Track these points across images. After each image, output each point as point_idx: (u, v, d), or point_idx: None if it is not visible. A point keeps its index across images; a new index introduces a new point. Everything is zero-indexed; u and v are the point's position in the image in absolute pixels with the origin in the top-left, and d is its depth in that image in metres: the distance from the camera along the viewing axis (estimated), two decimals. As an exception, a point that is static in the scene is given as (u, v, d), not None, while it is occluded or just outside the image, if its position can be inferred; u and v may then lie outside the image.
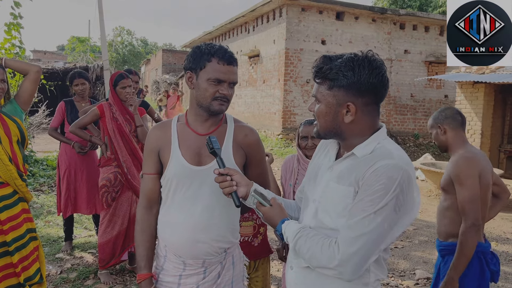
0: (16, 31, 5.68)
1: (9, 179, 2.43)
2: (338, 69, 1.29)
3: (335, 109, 1.33)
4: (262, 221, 2.67)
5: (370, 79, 1.28)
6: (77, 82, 4.19)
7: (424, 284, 3.96)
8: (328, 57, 1.34)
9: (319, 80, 1.35)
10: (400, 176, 1.22)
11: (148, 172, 1.74)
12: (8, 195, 2.46)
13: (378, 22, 13.63)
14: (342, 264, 1.23)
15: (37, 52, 40.57)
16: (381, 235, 1.23)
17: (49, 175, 7.33)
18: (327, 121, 1.35)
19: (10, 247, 2.44)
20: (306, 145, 2.52)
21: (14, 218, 2.48)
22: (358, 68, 1.28)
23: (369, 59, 1.30)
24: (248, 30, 15.31)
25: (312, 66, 1.38)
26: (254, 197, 1.46)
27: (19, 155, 2.53)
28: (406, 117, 14.29)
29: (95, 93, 12.89)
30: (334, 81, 1.30)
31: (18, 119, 2.64)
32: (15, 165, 2.48)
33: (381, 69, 1.30)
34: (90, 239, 4.65)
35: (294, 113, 12.87)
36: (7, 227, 2.43)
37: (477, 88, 8.89)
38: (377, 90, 1.31)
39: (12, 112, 2.69)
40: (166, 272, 1.72)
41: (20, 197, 2.53)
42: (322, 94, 1.34)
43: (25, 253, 2.52)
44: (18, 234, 2.49)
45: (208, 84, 1.59)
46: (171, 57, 32.29)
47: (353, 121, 1.32)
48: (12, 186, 2.46)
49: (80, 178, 4.14)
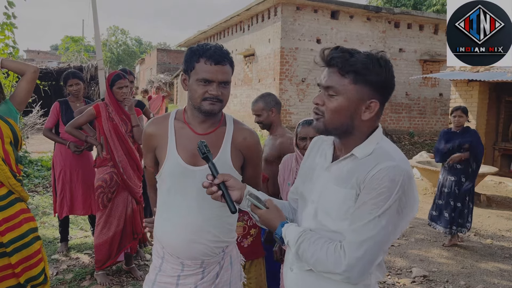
0: (9, 31, 5.64)
1: (2, 179, 2.42)
2: (366, 63, 1.25)
3: (355, 104, 1.28)
4: (253, 223, 2.66)
5: (392, 79, 1.30)
6: (71, 82, 4.16)
7: (420, 282, 3.97)
8: (346, 50, 1.28)
9: (342, 72, 1.27)
10: (402, 178, 1.22)
11: (149, 165, 1.82)
12: (3, 196, 2.45)
13: (373, 20, 13.66)
14: (349, 269, 1.23)
15: (31, 52, 40.33)
16: (385, 237, 1.24)
17: (44, 175, 7.28)
18: (343, 115, 1.29)
19: (7, 248, 2.43)
20: (305, 145, 2.51)
21: (11, 219, 2.46)
22: (385, 66, 1.28)
23: (387, 59, 1.30)
24: (243, 29, 15.29)
25: (330, 54, 1.28)
26: (249, 200, 1.42)
27: (11, 155, 2.51)
28: (401, 116, 14.33)
29: (89, 93, 12.81)
30: (363, 76, 1.26)
31: (12, 120, 2.61)
32: (8, 165, 2.46)
33: (393, 71, 1.32)
34: (86, 240, 4.63)
35: (290, 112, 12.88)
36: (2, 228, 2.41)
37: (471, 86, 8.93)
38: (392, 90, 1.32)
39: (7, 113, 2.66)
40: (164, 273, 1.71)
41: (16, 198, 2.52)
42: (345, 87, 1.27)
43: (27, 253, 2.50)
44: (17, 235, 2.47)
45: (197, 84, 1.59)
46: (166, 57, 32.21)
47: (369, 119, 1.31)
48: (7, 186, 2.45)
49: (76, 178, 4.11)
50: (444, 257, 4.67)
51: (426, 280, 4.03)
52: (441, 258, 4.65)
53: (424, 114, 14.62)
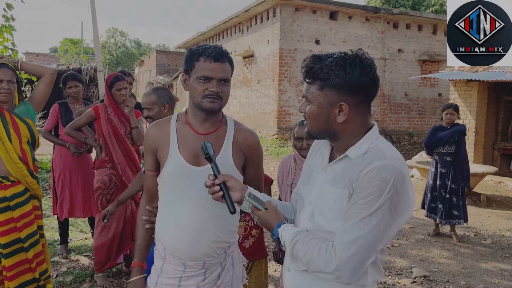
0: (8, 34, 5.65)
1: (20, 177, 2.58)
2: (329, 68, 1.28)
3: (327, 110, 1.31)
4: (255, 224, 2.66)
5: (362, 78, 1.27)
6: (71, 84, 4.16)
7: (421, 282, 3.97)
8: (318, 57, 1.32)
9: (309, 80, 1.33)
10: (394, 177, 1.21)
11: (148, 169, 1.77)
12: (20, 193, 2.60)
13: (372, 21, 13.68)
14: (339, 268, 1.23)
15: (30, 54, 40.28)
16: (377, 237, 1.23)
17: (43, 178, 7.26)
18: (319, 121, 1.33)
19: (25, 243, 2.57)
20: (302, 146, 2.52)
21: (27, 215, 2.62)
22: (349, 67, 1.26)
23: (360, 57, 1.28)
24: (242, 30, 15.30)
25: (302, 66, 1.36)
26: (249, 201, 1.44)
27: (28, 154, 2.67)
28: (400, 116, 14.34)
29: (88, 95, 12.79)
30: (326, 81, 1.28)
31: (30, 120, 2.76)
32: (25, 163, 2.62)
33: (372, 68, 1.29)
34: (86, 242, 4.62)
35: (289, 113, 12.88)
36: (21, 224, 2.57)
37: (470, 86, 8.93)
38: (369, 89, 1.30)
39: (25, 113, 2.78)
40: (166, 275, 1.71)
41: (31, 195, 2.67)
42: (313, 95, 1.32)
43: (39, 249, 2.66)
44: (32, 231, 2.62)
45: (197, 82, 1.60)
46: (165, 58, 32.21)
47: (346, 120, 1.31)
48: (23, 183, 2.61)
49: (75, 180, 4.11)
50: (444, 257, 4.67)
51: (426, 280, 4.02)
52: (441, 258, 4.65)
53: (423, 114, 14.63)
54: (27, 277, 2.61)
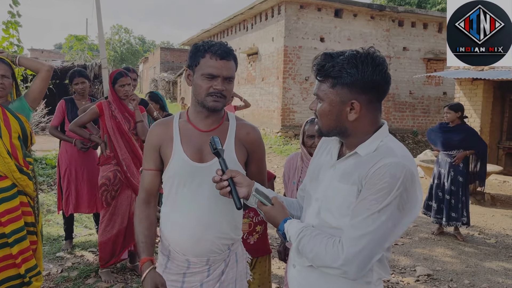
0: (14, 30, 5.67)
1: (7, 172, 2.50)
2: (341, 66, 1.27)
3: (338, 107, 1.31)
4: (259, 220, 2.67)
5: (374, 76, 1.27)
6: (77, 81, 4.19)
7: (424, 281, 3.97)
8: (329, 54, 1.32)
9: (321, 78, 1.32)
10: (404, 175, 1.21)
11: (147, 168, 1.74)
12: (6, 188, 2.53)
13: (377, 19, 13.62)
14: (346, 264, 1.23)
15: (35, 50, 40.40)
16: (385, 234, 1.23)
17: (48, 174, 7.31)
18: (330, 119, 1.33)
19: (9, 238, 2.51)
20: (313, 143, 2.52)
21: (13, 210, 2.55)
22: (361, 65, 1.26)
23: (371, 55, 1.28)
24: (246, 27, 15.29)
25: (313, 63, 1.35)
26: (256, 196, 1.45)
27: (19, 149, 2.59)
28: (405, 114, 14.29)
29: (93, 92, 12.85)
30: (338, 79, 1.28)
31: (24, 116, 2.70)
32: (15, 158, 2.54)
33: (383, 66, 1.29)
34: (91, 237, 4.65)
35: (293, 111, 12.87)
36: (5, 219, 2.50)
37: (476, 85, 8.88)
38: (380, 87, 1.30)
39: (19, 109, 2.74)
40: (170, 271, 1.72)
41: (19, 191, 2.59)
42: (325, 93, 1.32)
43: (25, 245, 2.59)
44: (18, 227, 2.56)
45: (202, 79, 1.60)
46: (169, 55, 32.25)
47: (357, 118, 1.31)
48: (11, 179, 2.53)
49: (81, 176, 4.13)
50: (448, 256, 4.66)
51: (430, 279, 4.02)
52: (445, 257, 4.64)
53: (428, 112, 14.57)
54: (11, 272, 2.56)
